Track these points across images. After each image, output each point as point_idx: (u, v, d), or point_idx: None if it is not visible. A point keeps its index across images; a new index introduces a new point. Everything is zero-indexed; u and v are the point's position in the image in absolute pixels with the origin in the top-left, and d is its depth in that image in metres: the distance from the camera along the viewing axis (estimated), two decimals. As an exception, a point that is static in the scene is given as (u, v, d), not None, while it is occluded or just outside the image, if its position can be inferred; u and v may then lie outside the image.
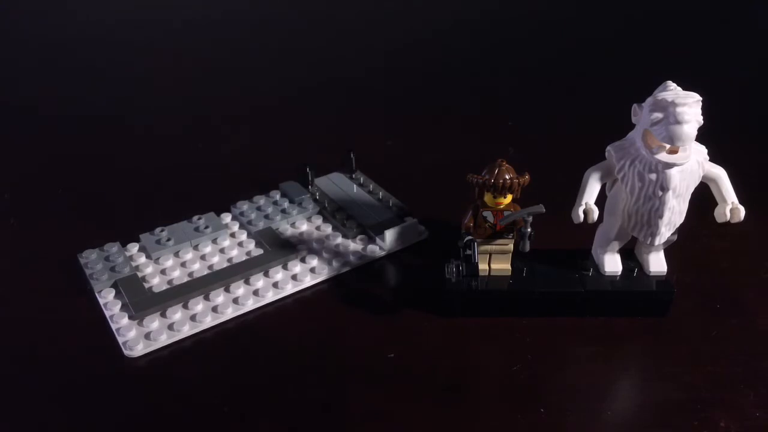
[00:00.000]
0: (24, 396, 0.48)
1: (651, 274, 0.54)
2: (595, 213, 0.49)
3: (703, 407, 0.47)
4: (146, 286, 0.57)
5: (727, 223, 0.50)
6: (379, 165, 0.68)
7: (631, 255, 0.56)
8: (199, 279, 0.57)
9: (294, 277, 0.58)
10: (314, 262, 0.60)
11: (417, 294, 0.57)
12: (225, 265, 0.59)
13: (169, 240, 0.61)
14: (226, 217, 0.66)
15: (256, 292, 0.57)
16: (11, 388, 0.49)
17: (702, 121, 0.46)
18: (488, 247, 0.53)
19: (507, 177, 0.50)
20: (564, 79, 1.00)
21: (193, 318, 0.54)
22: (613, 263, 0.54)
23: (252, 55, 1.10)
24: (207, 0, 1.35)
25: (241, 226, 0.65)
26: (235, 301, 0.56)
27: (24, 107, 0.93)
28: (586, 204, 0.49)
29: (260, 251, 0.61)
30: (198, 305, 0.55)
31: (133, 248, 0.61)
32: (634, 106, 0.49)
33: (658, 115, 0.46)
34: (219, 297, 0.56)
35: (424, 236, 0.64)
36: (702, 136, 0.48)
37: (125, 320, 0.53)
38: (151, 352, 0.51)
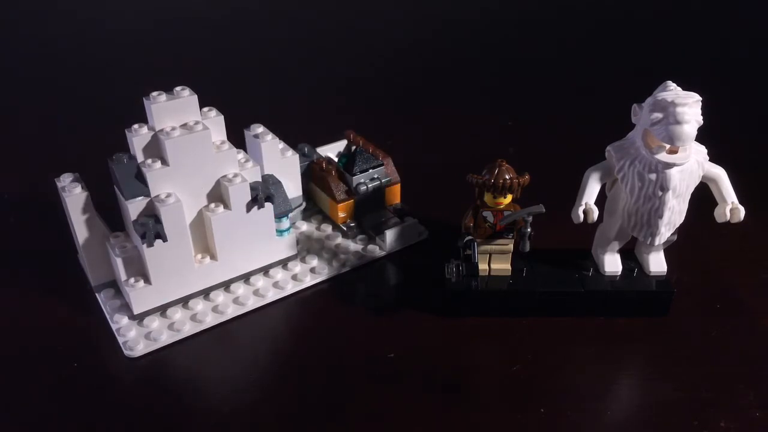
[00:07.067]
0: (24, 396, 0.48)
1: (651, 274, 0.54)
2: (595, 213, 0.49)
3: (703, 407, 0.47)
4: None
5: (727, 223, 0.50)
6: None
7: (631, 255, 0.56)
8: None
9: (294, 277, 0.58)
10: (314, 262, 0.60)
11: (417, 294, 0.57)
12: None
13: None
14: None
15: (256, 292, 0.57)
16: (11, 389, 0.49)
17: (702, 121, 0.47)
18: (488, 247, 0.53)
19: (507, 177, 0.50)
20: (564, 79, 1.00)
21: (193, 318, 0.54)
22: (613, 263, 0.54)
23: (251, 54, 1.10)
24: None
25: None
26: (236, 300, 0.56)
27: (24, 106, 0.93)
28: (586, 204, 0.49)
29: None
30: (198, 305, 0.55)
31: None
32: (634, 106, 0.49)
33: (658, 115, 0.46)
34: (219, 296, 0.56)
35: (424, 236, 0.64)
36: (702, 136, 0.48)
37: (125, 320, 0.53)
38: (151, 352, 0.51)
